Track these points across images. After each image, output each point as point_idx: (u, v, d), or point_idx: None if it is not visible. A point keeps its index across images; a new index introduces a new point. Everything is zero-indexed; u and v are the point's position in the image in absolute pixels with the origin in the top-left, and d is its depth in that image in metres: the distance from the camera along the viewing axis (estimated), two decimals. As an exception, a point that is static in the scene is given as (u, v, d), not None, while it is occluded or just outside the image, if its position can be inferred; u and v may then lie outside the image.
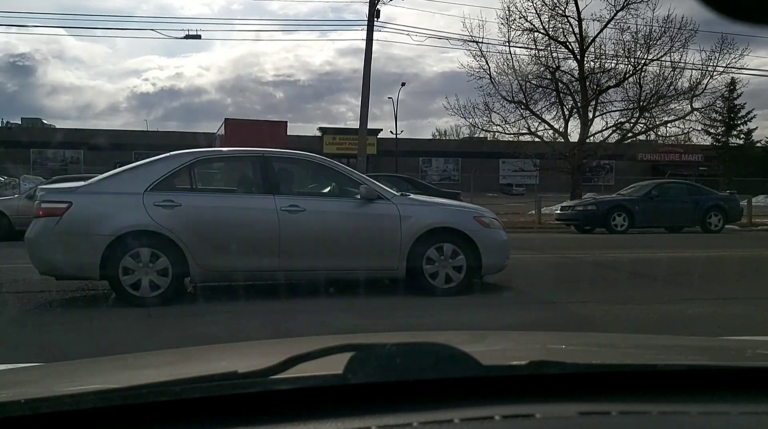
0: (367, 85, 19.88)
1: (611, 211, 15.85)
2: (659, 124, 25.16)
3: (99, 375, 1.26)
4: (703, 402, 0.90)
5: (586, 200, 17.97)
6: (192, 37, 19.79)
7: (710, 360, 1.26)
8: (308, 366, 0.89)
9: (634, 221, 15.83)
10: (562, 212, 17.01)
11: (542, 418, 0.84)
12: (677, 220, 16.31)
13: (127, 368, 1.35)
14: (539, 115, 25.25)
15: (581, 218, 16.20)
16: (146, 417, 0.84)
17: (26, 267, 6.01)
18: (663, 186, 17.04)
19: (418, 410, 0.84)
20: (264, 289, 6.08)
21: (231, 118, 28.52)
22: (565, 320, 5.24)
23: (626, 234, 15.46)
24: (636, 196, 16.58)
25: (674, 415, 0.87)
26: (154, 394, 0.85)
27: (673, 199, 16.29)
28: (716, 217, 16.24)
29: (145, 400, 0.84)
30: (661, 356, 1.37)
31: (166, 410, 0.84)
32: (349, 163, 45.79)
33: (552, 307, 5.78)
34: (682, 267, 8.83)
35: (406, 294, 6.17)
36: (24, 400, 0.86)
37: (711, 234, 15.81)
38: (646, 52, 23.81)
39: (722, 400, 0.91)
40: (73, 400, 0.85)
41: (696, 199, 16.43)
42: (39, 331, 4.80)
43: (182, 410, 0.85)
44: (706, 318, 5.29)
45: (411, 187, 15.35)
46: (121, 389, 0.92)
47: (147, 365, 1.39)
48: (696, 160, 52.47)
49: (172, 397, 0.84)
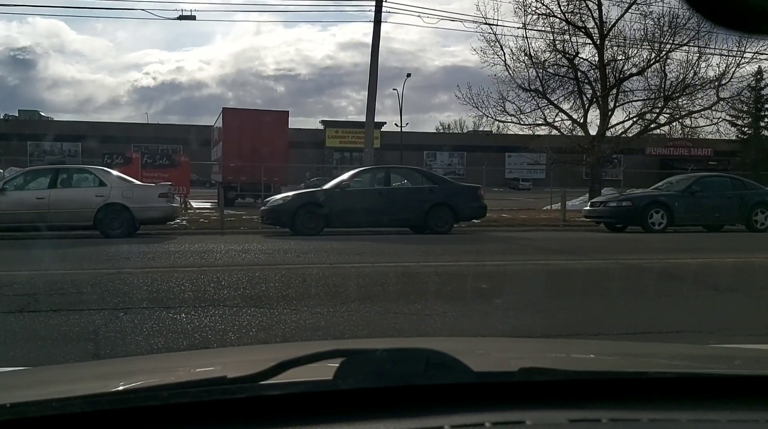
0: (375, 71, 18.35)
1: (648, 208, 14.33)
2: (684, 115, 23.74)
3: (87, 379, 1.27)
4: (692, 409, 0.91)
5: (618, 196, 16.45)
6: (186, 18, 18.25)
7: (700, 368, 1.26)
8: (298, 371, 0.89)
9: (674, 219, 14.34)
10: (592, 209, 15.49)
11: (533, 425, 0.84)
12: (720, 218, 14.79)
13: (115, 372, 1.35)
14: (557, 105, 23.83)
15: (614, 215, 14.66)
16: (134, 422, 0.83)
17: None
18: (705, 179, 15.43)
19: (408, 416, 0.84)
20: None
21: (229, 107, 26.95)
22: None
23: (665, 233, 14.02)
24: (675, 190, 15.05)
25: (664, 423, 0.88)
26: (142, 398, 0.86)
27: (716, 195, 14.74)
28: (763, 214, 14.76)
29: (133, 404, 0.84)
30: (651, 364, 1.36)
31: (154, 415, 0.84)
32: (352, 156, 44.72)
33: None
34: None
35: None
36: (10, 405, 0.85)
37: (757, 233, 14.38)
38: (671, 36, 22.32)
39: (712, 408, 0.92)
40: (59, 404, 0.85)
41: (741, 195, 14.91)
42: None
43: (171, 415, 0.84)
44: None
45: (426, 179, 14.04)
46: (109, 393, 0.96)
47: (136, 369, 1.39)
48: (706, 155, 51.15)
49: (160, 401, 0.84)
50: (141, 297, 5.68)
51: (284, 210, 12.56)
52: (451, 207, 13.15)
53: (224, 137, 24.47)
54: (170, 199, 12.59)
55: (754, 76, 26.83)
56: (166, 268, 7.69)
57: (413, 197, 13.17)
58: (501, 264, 8.54)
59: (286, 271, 7.46)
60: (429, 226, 12.87)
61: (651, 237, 13.27)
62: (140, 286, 6.29)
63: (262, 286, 6.33)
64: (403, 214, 12.97)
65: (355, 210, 12.68)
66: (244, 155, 23.08)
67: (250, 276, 6.95)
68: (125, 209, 11.71)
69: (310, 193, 13.68)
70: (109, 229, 11.59)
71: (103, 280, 6.64)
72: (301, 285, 6.54)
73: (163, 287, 6.17)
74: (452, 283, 6.97)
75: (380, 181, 13.71)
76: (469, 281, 7.10)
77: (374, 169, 14.90)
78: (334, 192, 12.99)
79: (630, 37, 23.05)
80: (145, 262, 8.31)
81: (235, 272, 7.24)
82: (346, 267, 8.01)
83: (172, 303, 5.42)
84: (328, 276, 7.21)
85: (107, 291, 5.98)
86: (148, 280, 6.66)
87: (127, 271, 7.46)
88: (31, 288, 6.12)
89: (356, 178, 13.75)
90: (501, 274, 7.72)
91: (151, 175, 17.23)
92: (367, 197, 13.06)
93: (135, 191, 12.13)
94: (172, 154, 25.37)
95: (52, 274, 6.87)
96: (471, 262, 8.70)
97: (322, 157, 46.78)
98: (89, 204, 11.64)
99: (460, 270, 8.01)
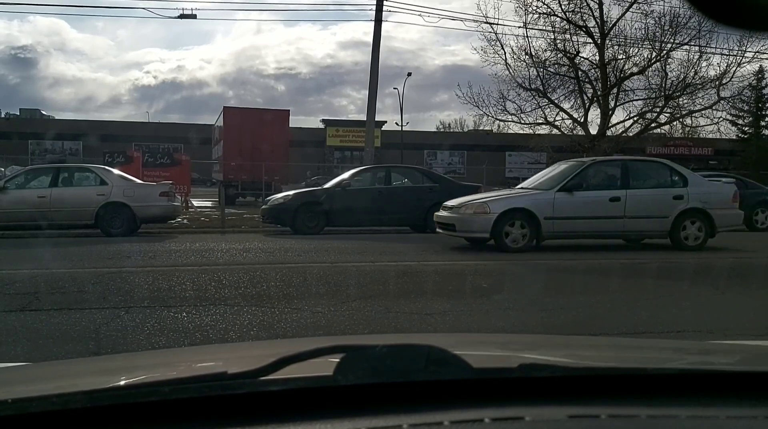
0: (375, 70, 18.35)
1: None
2: (685, 114, 23.71)
3: (88, 375, 1.27)
4: (691, 406, 0.91)
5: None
6: (187, 17, 18.26)
7: (699, 364, 1.26)
8: (298, 367, 0.89)
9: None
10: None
11: (532, 421, 0.84)
12: (720, 217, 14.79)
13: (116, 368, 1.35)
14: (557, 104, 23.80)
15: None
16: (135, 417, 0.83)
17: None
18: (704, 179, 15.47)
19: (408, 412, 0.84)
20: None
21: (230, 106, 26.93)
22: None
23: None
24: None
25: (663, 419, 0.88)
26: (143, 394, 0.85)
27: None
28: (763, 213, 14.77)
29: (134, 400, 0.84)
30: (650, 360, 1.37)
31: (155, 411, 0.84)
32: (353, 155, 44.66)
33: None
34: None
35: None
36: (11, 400, 0.85)
37: (758, 232, 14.39)
38: (672, 35, 22.30)
39: (711, 404, 0.92)
40: (61, 400, 0.84)
41: (741, 194, 14.86)
42: None
43: (171, 411, 0.84)
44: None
45: (427, 178, 14.04)
46: (110, 389, 0.97)
47: (137, 365, 1.38)
48: (706, 154, 51.06)
49: (161, 397, 0.84)
50: (142, 296, 5.69)
51: (285, 209, 12.58)
52: (452, 206, 13.13)
53: (225, 136, 24.49)
54: (171, 197, 12.61)
55: (755, 75, 26.73)
56: (167, 267, 7.70)
57: (414, 196, 13.17)
58: (501, 263, 8.55)
59: (287, 270, 7.47)
60: (430, 226, 12.86)
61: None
62: (141, 284, 6.31)
63: (263, 285, 6.34)
64: (404, 213, 12.97)
65: (355, 209, 12.68)
66: (245, 154, 23.11)
67: (251, 275, 6.97)
68: (126, 208, 11.73)
69: (310, 192, 13.70)
70: (110, 227, 11.61)
71: (104, 278, 6.65)
72: (302, 284, 6.56)
73: (164, 286, 6.18)
74: (453, 282, 6.98)
75: (381, 180, 13.71)
76: (470, 280, 7.11)
77: (375, 168, 14.91)
78: (334, 191, 13.00)
79: (631, 36, 23.04)
80: (146, 261, 8.32)
81: (236, 271, 7.25)
82: (346, 266, 8.02)
83: (174, 302, 5.43)
84: (329, 275, 7.23)
85: (108, 290, 5.99)
86: (149, 278, 6.68)
87: (128, 270, 7.47)
88: (32, 286, 6.14)
89: (357, 177, 13.76)
90: (501, 273, 7.73)
91: (152, 174, 17.25)
92: (368, 196, 13.06)
93: (136, 190, 12.14)
94: (173, 153, 25.40)
95: (54, 273, 6.88)
96: (471, 260, 8.71)
97: (322, 155, 46.74)
98: (90, 202, 11.66)
99: (461, 268, 8.03)
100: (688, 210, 9.78)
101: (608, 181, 10.26)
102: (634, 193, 9.79)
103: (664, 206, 9.80)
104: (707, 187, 10.25)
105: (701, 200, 9.84)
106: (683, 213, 9.78)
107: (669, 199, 9.85)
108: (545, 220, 9.43)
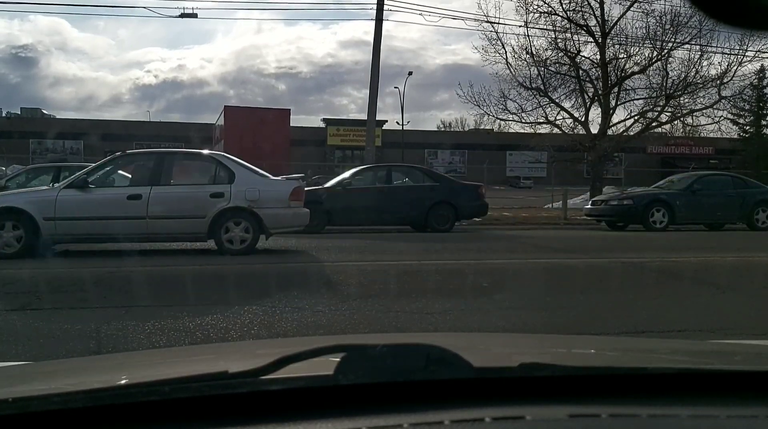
0: (376, 69, 18.32)
1: (650, 206, 14.33)
2: (686, 113, 23.68)
3: (88, 374, 1.26)
4: (692, 405, 0.91)
5: (619, 194, 16.42)
6: (188, 16, 18.25)
7: (700, 363, 1.25)
8: (299, 366, 0.89)
9: (675, 217, 14.33)
10: (594, 207, 15.49)
11: (532, 420, 0.84)
12: (721, 217, 14.79)
13: (117, 367, 1.34)
14: (558, 103, 23.79)
15: (616, 213, 14.65)
16: (135, 417, 0.83)
17: None
18: (706, 178, 15.43)
19: (408, 412, 0.84)
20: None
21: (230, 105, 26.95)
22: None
23: (666, 231, 14.02)
24: (676, 189, 15.04)
25: (664, 418, 0.88)
26: (143, 393, 0.85)
27: (717, 193, 14.73)
28: (764, 212, 14.75)
29: (134, 399, 0.84)
30: (651, 359, 1.36)
31: (155, 410, 0.84)
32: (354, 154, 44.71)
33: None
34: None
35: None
36: (12, 399, 0.86)
37: (759, 232, 14.37)
38: (673, 35, 22.27)
39: (711, 404, 0.92)
40: (61, 399, 0.85)
41: (743, 193, 14.90)
42: None
43: (172, 410, 0.84)
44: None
45: (427, 177, 14.04)
46: (111, 388, 0.95)
47: (137, 364, 1.38)
48: (707, 153, 50.99)
49: (161, 396, 0.84)
50: (143, 295, 5.69)
51: (285, 208, 12.56)
52: (453, 205, 13.16)
53: (226, 135, 24.56)
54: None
55: (756, 74, 26.71)
56: (167, 267, 7.70)
57: (414, 195, 13.18)
58: (502, 262, 8.55)
59: (287, 269, 7.47)
60: (430, 225, 12.88)
61: (652, 235, 13.28)
62: (142, 283, 6.30)
63: (263, 284, 6.34)
64: (405, 212, 12.98)
65: (356, 208, 12.69)
66: (246, 153, 23.01)
67: (252, 274, 6.97)
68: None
69: (311, 192, 13.69)
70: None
71: (105, 277, 6.65)
72: (302, 283, 6.55)
73: (165, 285, 6.18)
74: (453, 281, 6.97)
75: (381, 180, 13.72)
76: (471, 279, 7.11)
77: (375, 168, 14.92)
78: (335, 190, 13.01)
79: (632, 35, 23.02)
80: (145, 260, 8.31)
81: (237, 271, 7.25)
82: (347, 265, 8.02)
83: (174, 301, 5.43)
84: (330, 274, 7.23)
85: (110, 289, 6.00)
86: (151, 278, 6.67)
87: (129, 269, 7.47)
88: (33, 285, 6.14)
89: (357, 177, 13.76)
90: (502, 272, 7.73)
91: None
92: (369, 195, 13.07)
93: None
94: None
95: (54, 272, 6.89)
96: (472, 260, 8.70)
97: (323, 155, 46.72)
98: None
99: (462, 268, 8.02)
100: (230, 209, 8.53)
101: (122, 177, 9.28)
102: (159, 191, 8.47)
103: (200, 205, 8.51)
104: (258, 185, 8.78)
105: (247, 199, 8.55)
106: (224, 213, 8.51)
107: (205, 197, 8.55)
108: (44, 220, 8.07)
